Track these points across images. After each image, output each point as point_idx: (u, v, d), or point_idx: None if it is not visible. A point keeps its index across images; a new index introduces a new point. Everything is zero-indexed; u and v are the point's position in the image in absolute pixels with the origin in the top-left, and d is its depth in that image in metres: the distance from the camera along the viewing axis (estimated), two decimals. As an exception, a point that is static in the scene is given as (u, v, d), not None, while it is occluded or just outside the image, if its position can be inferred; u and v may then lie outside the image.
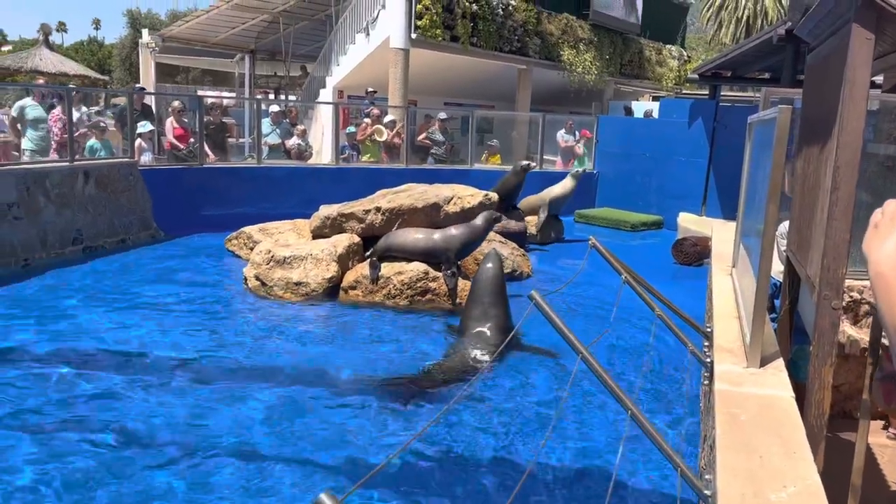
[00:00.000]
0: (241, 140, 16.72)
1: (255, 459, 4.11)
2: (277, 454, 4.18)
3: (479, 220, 7.68)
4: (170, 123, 11.12)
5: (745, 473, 1.87)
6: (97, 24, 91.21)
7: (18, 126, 9.85)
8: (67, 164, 8.92)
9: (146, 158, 10.69)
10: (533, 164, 11.25)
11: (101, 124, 10.52)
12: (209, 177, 10.98)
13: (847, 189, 2.40)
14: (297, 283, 7.52)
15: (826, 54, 3.08)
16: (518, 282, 8.69)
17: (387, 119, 13.55)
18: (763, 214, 2.66)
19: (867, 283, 3.16)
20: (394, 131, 13.36)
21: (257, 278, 7.67)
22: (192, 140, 11.17)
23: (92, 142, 10.04)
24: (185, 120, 11.38)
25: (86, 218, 9.05)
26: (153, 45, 20.19)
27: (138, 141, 10.36)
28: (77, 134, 9.55)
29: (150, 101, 12.69)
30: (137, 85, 15.10)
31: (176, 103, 11.49)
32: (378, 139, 13.36)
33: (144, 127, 10.77)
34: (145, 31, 21.76)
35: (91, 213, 9.14)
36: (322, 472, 4.02)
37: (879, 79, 6.96)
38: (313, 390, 5.14)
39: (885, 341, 2.73)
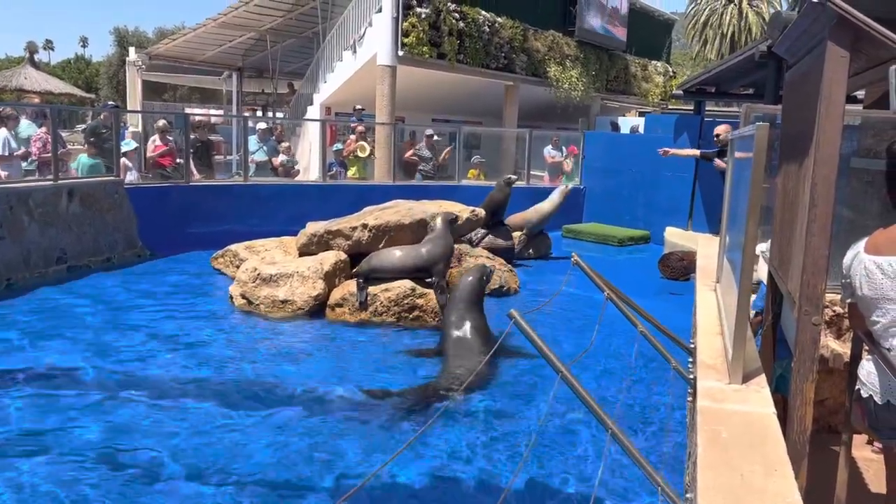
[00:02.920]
0: (228, 157, 16.71)
1: (235, 477, 4.06)
2: (257, 472, 4.14)
3: (439, 226, 7.74)
4: (151, 143, 11.10)
5: (725, 492, 1.85)
6: (84, 42, 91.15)
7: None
8: (51, 182, 8.87)
9: (131, 177, 10.65)
10: (514, 177, 11.27)
11: (92, 141, 10.47)
12: (195, 195, 10.94)
13: (825, 205, 2.41)
14: (284, 301, 7.49)
15: (803, 71, 3.11)
16: (505, 297, 8.69)
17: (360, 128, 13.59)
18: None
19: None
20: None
21: (243, 296, 7.63)
22: (178, 159, 11.14)
23: (84, 157, 10.00)
24: (171, 138, 11.36)
25: (70, 237, 8.98)
26: (140, 62, 20.21)
27: (123, 159, 10.31)
28: (61, 152, 9.50)
29: (128, 118, 12.69)
30: (110, 102, 15.01)
31: (161, 122, 11.48)
32: (361, 155, 13.38)
33: (129, 145, 10.74)
34: (132, 49, 21.79)
35: (75, 231, 9.08)
36: (301, 490, 3.98)
37: (862, 94, 7.04)
38: (296, 408, 5.10)
39: (865, 362, 2.74)
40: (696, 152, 10.78)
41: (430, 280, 7.60)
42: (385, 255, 7.73)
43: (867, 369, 2.70)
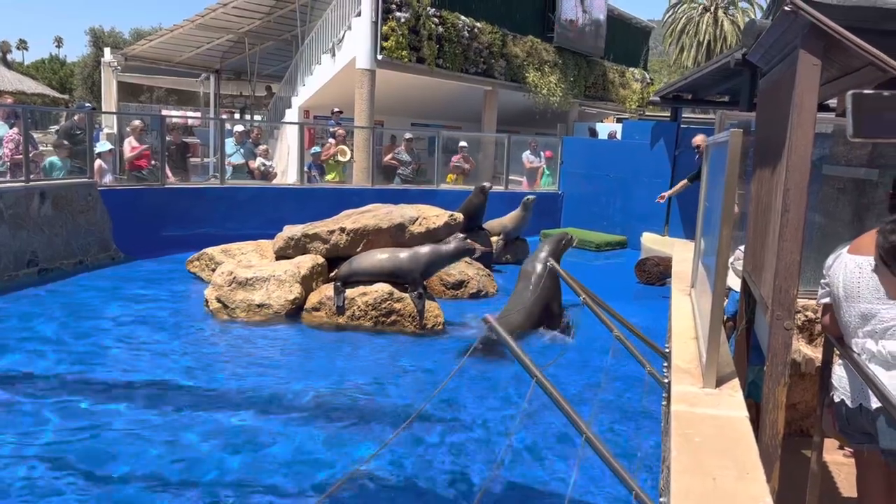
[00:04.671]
0: (205, 160, 16.56)
1: (211, 482, 4.01)
2: (234, 476, 4.10)
3: (450, 244, 7.68)
4: (127, 143, 10.96)
5: (698, 496, 1.86)
6: (59, 42, 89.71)
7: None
8: (23, 184, 8.72)
9: (106, 179, 10.51)
10: (488, 185, 11.22)
11: (65, 143, 10.32)
12: (171, 197, 10.83)
13: (797, 211, 2.44)
14: (260, 305, 7.42)
15: (776, 79, 3.15)
16: (483, 301, 8.70)
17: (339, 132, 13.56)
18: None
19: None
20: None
21: (219, 300, 7.55)
22: (153, 161, 11.02)
23: (53, 158, 9.85)
24: (146, 142, 11.22)
25: (41, 239, 8.84)
26: (116, 63, 19.98)
27: (98, 161, 10.17)
28: (33, 154, 9.35)
29: (103, 120, 12.52)
30: (87, 104, 14.77)
31: (136, 122, 11.34)
32: (341, 159, 13.33)
33: (104, 146, 10.59)
34: (108, 50, 21.53)
35: (47, 233, 8.94)
36: (279, 492, 3.95)
37: (834, 102, 7.14)
38: (272, 413, 5.06)
39: (836, 367, 2.77)
40: (686, 182, 10.71)
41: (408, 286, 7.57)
42: (366, 257, 7.70)
43: (838, 374, 2.73)
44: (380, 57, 14.72)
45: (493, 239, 11.16)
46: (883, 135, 0.94)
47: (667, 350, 3.68)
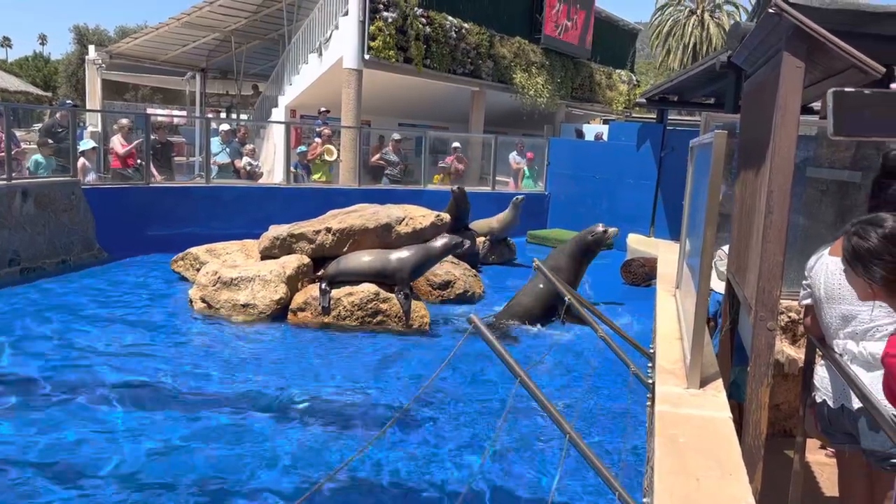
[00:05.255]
0: (191, 159, 16.45)
1: (193, 482, 3.98)
2: (215, 476, 4.07)
3: (437, 243, 7.66)
4: (117, 140, 10.87)
5: (681, 496, 1.86)
6: (43, 39, 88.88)
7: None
8: (4, 182, 8.62)
9: (90, 177, 10.42)
10: (456, 188, 11.03)
11: (50, 142, 10.22)
12: (155, 196, 10.74)
13: (780, 213, 2.45)
14: (245, 305, 7.38)
15: (760, 81, 3.16)
16: (470, 302, 8.70)
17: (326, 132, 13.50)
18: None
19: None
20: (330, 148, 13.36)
21: (203, 300, 7.50)
22: (138, 160, 10.93)
23: (38, 156, 9.75)
24: (133, 140, 11.13)
25: (23, 238, 8.74)
26: (100, 61, 19.79)
27: (81, 159, 10.08)
28: (15, 152, 9.25)
29: (87, 118, 12.40)
30: (69, 102, 14.62)
31: (124, 121, 11.24)
32: (328, 159, 13.29)
33: (87, 144, 10.50)
34: (92, 48, 21.32)
35: (29, 232, 8.84)
36: (259, 493, 3.92)
37: (818, 105, 7.19)
38: (256, 413, 5.03)
39: (818, 368, 2.79)
40: None
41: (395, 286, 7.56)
42: (353, 257, 7.68)
43: (821, 374, 2.74)
44: (367, 57, 14.69)
45: (480, 239, 11.16)
46: (864, 133, 0.94)
47: (651, 351, 3.69)
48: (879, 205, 2.58)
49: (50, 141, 9.93)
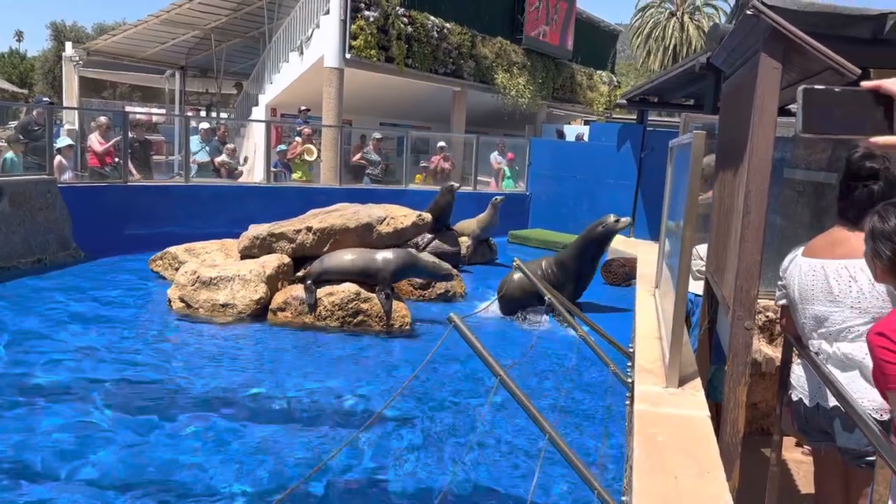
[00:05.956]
0: (170, 157, 16.30)
1: (169, 485, 3.94)
2: (192, 477, 4.03)
3: (428, 258, 7.95)
4: (95, 138, 10.74)
5: (659, 495, 1.87)
6: (19, 36, 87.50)
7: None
8: (-21, 180, 8.49)
9: (66, 175, 10.28)
10: (456, 184, 11.30)
11: (21, 138, 10.07)
12: (134, 195, 10.62)
13: (758, 213, 2.47)
14: (224, 305, 7.32)
15: (739, 82, 3.19)
16: (451, 302, 8.70)
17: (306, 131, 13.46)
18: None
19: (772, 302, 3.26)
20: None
21: (182, 300, 7.43)
22: (116, 158, 10.81)
23: (10, 154, 9.61)
24: (112, 138, 11.00)
25: (-2, 237, 8.61)
26: (77, 58, 19.56)
27: (58, 157, 9.94)
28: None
29: (64, 115, 12.24)
30: (46, 99, 14.40)
31: (102, 119, 11.11)
32: (308, 158, 13.23)
33: (64, 142, 10.36)
34: (69, 44, 21.06)
35: (4, 231, 8.70)
36: (234, 494, 3.89)
37: (795, 107, 7.27)
38: (234, 414, 4.99)
39: (795, 366, 2.81)
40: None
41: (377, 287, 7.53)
42: (337, 256, 7.64)
43: (797, 373, 2.77)
44: (348, 56, 14.65)
45: (462, 239, 11.17)
46: (832, 131, 0.95)
47: (631, 350, 3.71)
48: (846, 207, 2.61)
49: (21, 138, 9.78)
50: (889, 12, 4.39)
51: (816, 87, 1.01)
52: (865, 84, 0.99)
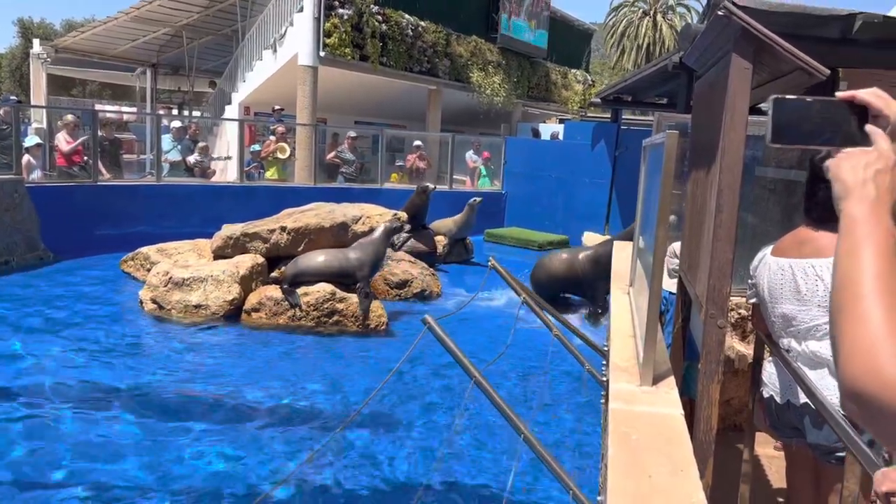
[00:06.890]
0: (141, 156, 16.06)
1: (145, 488, 3.88)
2: (168, 481, 3.97)
3: (377, 232, 7.65)
4: (62, 137, 10.54)
5: (633, 494, 1.87)
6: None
7: None
8: (-57, 180, 8.29)
9: (35, 175, 10.08)
10: (431, 186, 11.29)
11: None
12: (104, 195, 10.45)
13: (730, 211, 2.49)
14: (197, 306, 7.24)
15: (710, 82, 3.21)
16: (427, 302, 8.68)
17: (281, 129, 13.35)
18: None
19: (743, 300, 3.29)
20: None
21: (154, 301, 7.33)
22: (85, 157, 10.63)
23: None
24: (80, 137, 10.81)
25: (-37, 238, 8.42)
26: (45, 55, 19.19)
27: (26, 157, 9.74)
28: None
29: (32, 114, 12.00)
30: (13, 97, 14.07)
31: (69, 117, 10.91)
32: (281, 156, 13.12)
33: (31, 141, 10.16)
34: (37, 42, 20.67)
35: (-30, 232, 8.52)
36: (213, 497, 3.84)
37: (766, 105, 7.36)
38: (208, 417, 4.93)
39: (766, 364, 2.84)
40: None
41: (355, 285, 7.48)
42: (311, 257, 7.58)
43: (769, 370, 2.80)
44: (322, 54, 14.55)
45: (438, 239, 11.16)
46: (802, 141, 0.96)
47: (606, 348, 3.72)
48: (812, 206, 2.65)
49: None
50: (857, 13, 4.45)
51: (787, 97, 1.01)
52: (840, 94, 0.99)
